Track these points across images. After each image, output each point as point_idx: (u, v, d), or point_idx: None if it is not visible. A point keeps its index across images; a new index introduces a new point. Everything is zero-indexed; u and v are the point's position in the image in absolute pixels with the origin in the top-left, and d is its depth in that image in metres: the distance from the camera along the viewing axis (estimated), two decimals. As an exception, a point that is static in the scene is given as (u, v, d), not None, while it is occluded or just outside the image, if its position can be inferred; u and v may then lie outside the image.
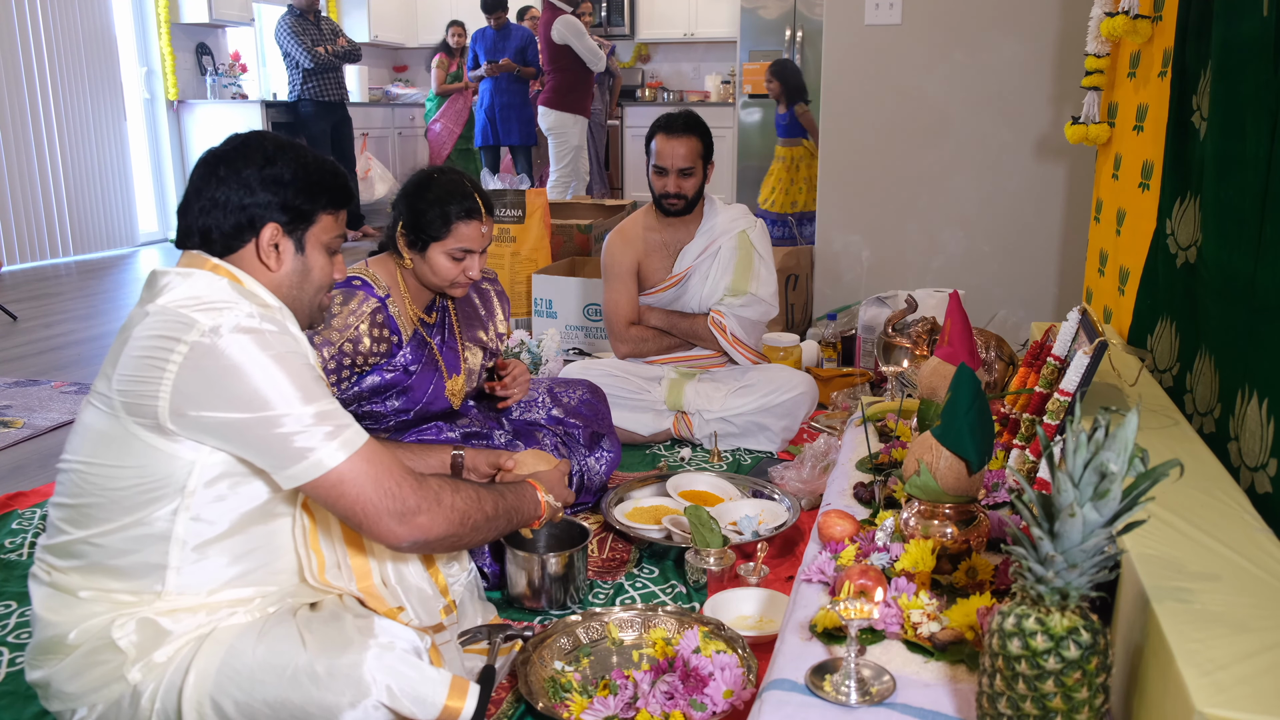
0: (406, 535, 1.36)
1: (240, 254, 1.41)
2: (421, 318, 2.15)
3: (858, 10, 3.97)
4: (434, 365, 2.15)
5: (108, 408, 1.30)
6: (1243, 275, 1.57)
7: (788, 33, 7.71)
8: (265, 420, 1.27)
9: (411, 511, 1.35)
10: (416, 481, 1.37)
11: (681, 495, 2.36)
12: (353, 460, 1.31)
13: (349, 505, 1.32)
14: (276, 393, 1.27)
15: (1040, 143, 3.85)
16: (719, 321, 2.95)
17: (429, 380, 2.13)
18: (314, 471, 1.29)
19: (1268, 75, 1.51)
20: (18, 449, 3.02)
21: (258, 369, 1.27)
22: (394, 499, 1.34)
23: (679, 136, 2.86)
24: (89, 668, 1.31)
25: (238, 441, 1.29)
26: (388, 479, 1.34)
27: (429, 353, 2.15)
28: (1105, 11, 2.45)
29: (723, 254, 2.97)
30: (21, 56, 6.09)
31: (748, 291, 2.97)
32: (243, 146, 1.41)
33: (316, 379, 1.33)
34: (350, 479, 1.31)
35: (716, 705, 1.51)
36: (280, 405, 1.27)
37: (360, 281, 2.02)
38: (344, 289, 2.01)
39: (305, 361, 1.33)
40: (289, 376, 1.28)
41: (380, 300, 2.02)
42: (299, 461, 1.28)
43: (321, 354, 1.95)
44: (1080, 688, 0.98)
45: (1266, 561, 1.16)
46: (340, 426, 1.32)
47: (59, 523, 1.36)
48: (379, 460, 1.34)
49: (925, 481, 1.41)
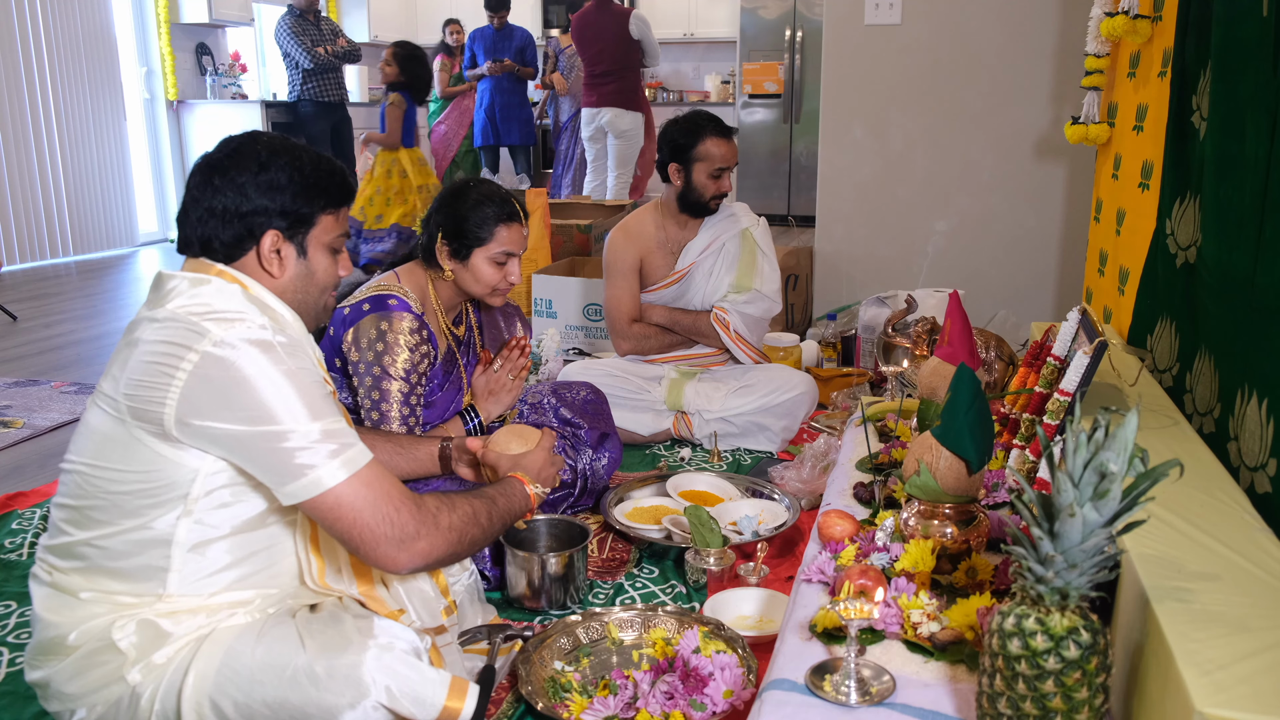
0: (406, 562, 1.35)
1: (243, 261, 1.40)
2: (451, 330, 2.16)
3: (858, 10, 3.97)
4: (458, 383, 2.16)
5: (114, 411, 1.30)
6: (1242, 275, 1.57)
7: (787, 33, 7.71)
8: (269, 435, 1.26)
9: (410, 538, 1.33)
10: (415, 505, 1.36)
11: (681, 495, 2.36)
12: (352, 482, 1.30)
13: (346, 528, 1.31)
14: (284, 407, 1.26)
15: (1040, 143, 3.85)
16: (722, 318, 2.95)
17: (451, 397, 2.14)
18: (312, 490, 1.28)
19: (1268, 75, 1.51)
20: (17, 449, 3.02)
21: (267, 382, 1.26)
22: (392, 525, 1.32)
23: (726, 138, 2.90)
24: (89, 669, 1.31)
25: (240, 454, 1.29)
26: (386, 504, 1.32)
27: (456, 370, 2.16)
28: (1105, 11, 2.45)
29: (726, 251, 2.97)
30: (21, 56, 6.10)
31: (752, 288, 2.97)
32: (236, 153, 1.39)
33: (325, 396, 1.33)
34: (348, 501, 1.29)
35: (716, 705, 1.51)
36: (286, 420, 1.26)
37: (395, 300, 2.01)
38: (383, 312, 1.99)
39: (315, 377, 1.33)
40: (297, 391, 1.28)
41: (417, 316, 2.02)
42: (299, 478, 1.28)
43: (393, 395, 1.96)
44: (1080, 688, 0.98)
45: (1266, 561, 1.16)
46: (344, 445, 1.31)
47: (61, 523, 1.35)
48: (379, 484, 1.33)
49: (925, 481, 1.41)
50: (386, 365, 1.97)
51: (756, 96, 7.94)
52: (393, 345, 1.97)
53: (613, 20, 6.11)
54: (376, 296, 2.02)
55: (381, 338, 1.97)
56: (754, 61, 7.88)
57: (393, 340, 1.98)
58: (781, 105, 7.89)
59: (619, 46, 6.13)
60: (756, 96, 7.94)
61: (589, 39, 6.17)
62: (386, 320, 1.98)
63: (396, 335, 1.98)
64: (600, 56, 6.19)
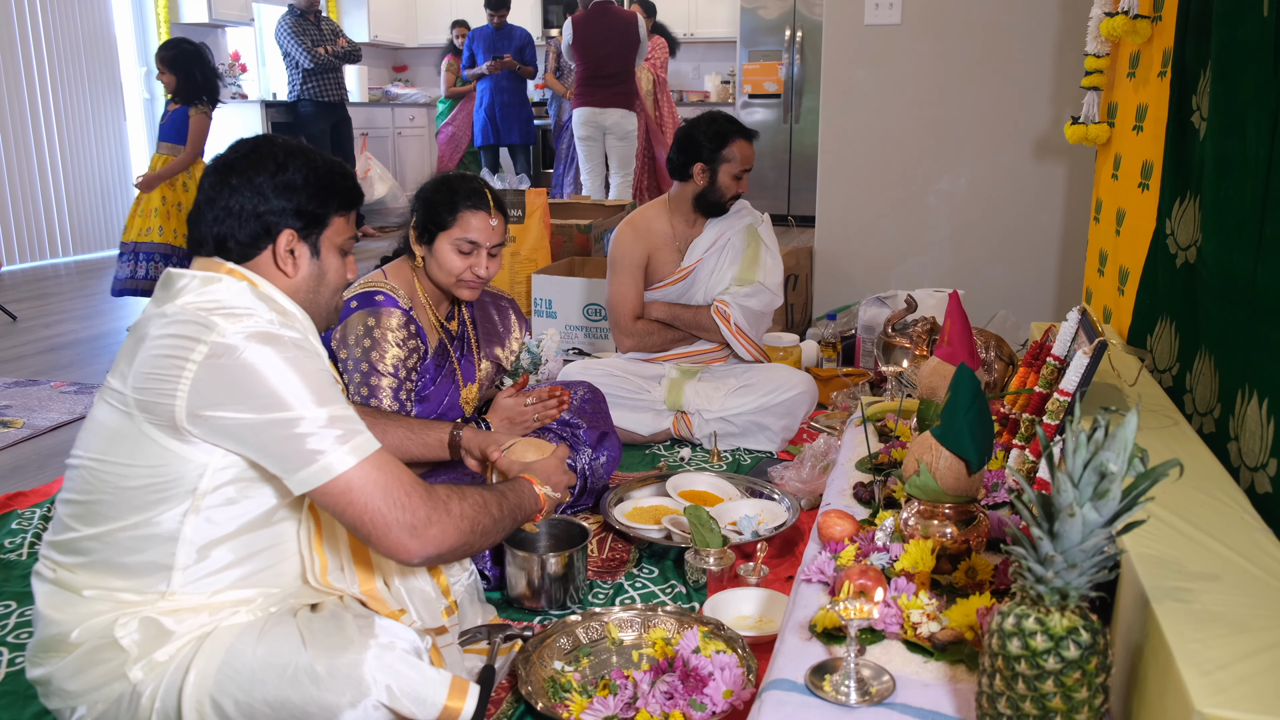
0: (419, 550, 1.34)
1: (257, 261, 1.42)
2: (443, 324, 2.17)
3: (858, 10, 3.97)
4: (452, 376, 2.16)
5: (122, 405, 1.31)
6: (1242, 275, 1.57)
7: (787, 33, 7.71)
8: (279, 421, 1.27)
9: (423, 524, 1.33)
10: (426, 491, 1.36)
11: (681, 495, 2.35)
12: (363, 466, 1.30)
13: (357, 514, 1.30)
14: (292, 394, 1.28)
15: (1040, 143, 3.85)
16: (723, 310, 2.96)
17: (445, 391, 2.15)
18: (323, 476, 1.29)
19: (1268, 75, 1.51)
20: (17, 449, 3.02)
21: (274, 371, 1.27)
22: (404, 509, 1.31)
23: (752, 141, 2.94)
24: (90, 666, 1.32)
25: (252, 443, 1.29)
26: (397, 488, 1.32)
27: (449, 364, 2.16)
28: (1105, 11, 2.45)
29: (731, 246, 2.99)
30: (21, 56, 6.09)
31: (755, 280, 2.99)
32: (253, 154, 1.42)
33: (332, 383, 1.34)
34: (359, 485, 1.30)
35: (716, 705, 1.51)
36: (296, 407, 1.27)
37: (382, 296, 2.02)
38: (370, 309, 2.00)
39: (322, 366, 1.34)
40: (304, 380, 1.29)
41: (405, 311, 2.03)
42: (309, 465, 1.28)
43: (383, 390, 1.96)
44: (1080, 688, 0.98)
45: (1266, 561, 1.16)
46: (352, 431, 1.31)
47: (66, 519, 1.36)
48: (389, 469, 1.33)
49: (925, 481, 1.41)
50: (374, 361, 1.98)
51: (756, 96, 7.93)
52: (380, 341, 1.98)
53: (621, 23, 6.12)
54: (363, 294, 2.03)
55: (369, 333, 1.98)
56: (754, 61, 7.87)
57: (380, 336, 1.99)
58: (781, 105, 7.88)
59: (629, 49, 6.16)
60: (756, 96, 7.93)
61: (597, 41, 6.15)
62: (374, 316, 2.00)
63: (384, 331, 1.99)
64: (609, 59, 6.19)
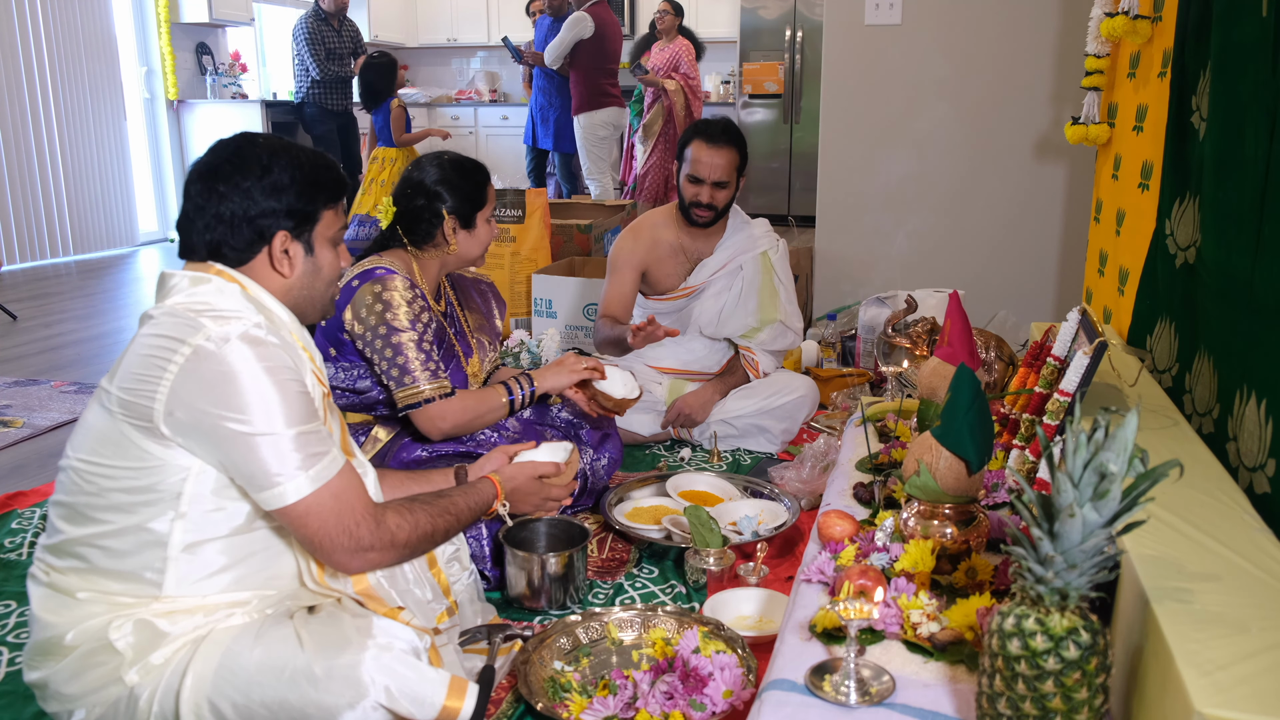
0: (357, 568, 1.41)
1: (252, 264, 1.42)
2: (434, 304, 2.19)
3: (858, 10, 3.97)
4: (453, 351, 2.19)
5: (109, 406, 1.31)
6: (1241, 276, 1.57)
7: (788, 33, 7.71)
8: (245, 436, 1.28)
9: (364, 549, 1.39)
10: (375, 522, 1.40)
11: (681, 495, 2.36)
12: (320, 494, 1.33)
13: (310, 535, 1.35)
14: (263, 408, 1.28)
15: (1040, 143, 3.85)
16: (750, 359, 2.87)
17: (447, 365, 2.16)
18: (279, 502, 1.31)
19: (1267, 76, 1.51)
20: (17, 449, 3.02)
21: (251, 380, 1.28)
22: (350, 536, 1.37)
23: (719, 147, 2.73)
24: (86, 669, 1.31)
25: (220, 450, 1.30)
26: (349, 517, 1.36)
27: (448, 339, 2.20)
28: (1105, 12, 2.45)
29: (743, 274, 2.88)
30: (21, 56, 6.09)
31: (776, 319, 2.89)
32: (236, 157, 1.40)
33: (306, 402, 1.34)
34: (315, 513, 1.33)
35: (716, 705, 1.51)
36: (262, 423, 1.28)
37: (383, 269, 2.06)
38: (373, 280, 2.03)
39: (298, 380, 1.34)
40: (280, 394, 1.30)
41: (407, 278, 2.07)
42: (270, 488, 1.30)
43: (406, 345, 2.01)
44: (1080, 688, 0.98)
45: (1266, 561, 1.16)
46: (315, 455, 1.33)
47: (57, 521, 1.36)
48: (345, 496, 1.36)
49: (925, 482, 1.41)
50: (390, 320, 2.01)
51: (756, 96, 7.94)
52: (391, 303, 2.02)
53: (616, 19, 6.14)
54: (363, 271, 2.07)
55: (379, 299, 2.02)
56: (754, 61, 7.87)
57: (389, 298, 2.02)
58: (781, 105, 7.88)
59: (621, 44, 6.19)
60: (756, 96, 7.94)
61: (611, 36, 6.07)
62: (380, 284, 2.03)
63: (393, 293, 2.03)
64: (618, 56, 6.19)
